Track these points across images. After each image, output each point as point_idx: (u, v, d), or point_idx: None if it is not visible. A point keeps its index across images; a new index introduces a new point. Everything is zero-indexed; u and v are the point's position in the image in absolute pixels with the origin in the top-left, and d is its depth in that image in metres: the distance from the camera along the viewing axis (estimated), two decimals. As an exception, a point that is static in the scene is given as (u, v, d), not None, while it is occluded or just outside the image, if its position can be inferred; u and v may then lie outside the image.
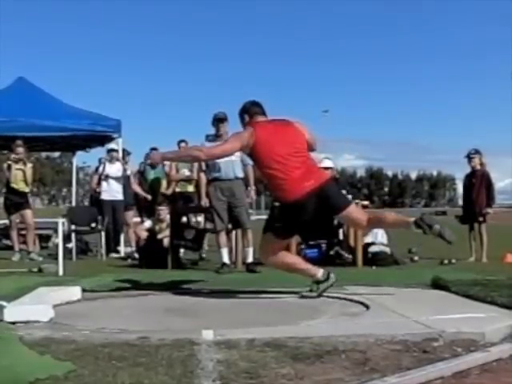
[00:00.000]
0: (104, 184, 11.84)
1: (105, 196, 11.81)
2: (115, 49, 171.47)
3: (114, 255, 11.53)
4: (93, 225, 11.57)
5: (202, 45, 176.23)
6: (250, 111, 5.81)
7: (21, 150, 11.15)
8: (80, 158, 20.03)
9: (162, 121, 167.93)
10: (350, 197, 10.11)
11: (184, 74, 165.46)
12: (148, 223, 10.30)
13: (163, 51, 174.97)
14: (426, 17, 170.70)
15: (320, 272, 5.77)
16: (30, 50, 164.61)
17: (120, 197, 11.86)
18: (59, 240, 8.68)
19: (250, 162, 9.00)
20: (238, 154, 8.70)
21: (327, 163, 10.90)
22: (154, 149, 12.43)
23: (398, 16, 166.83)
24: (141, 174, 12.75)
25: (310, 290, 5.76)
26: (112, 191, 11.82)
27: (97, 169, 12.34)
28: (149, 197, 11.95)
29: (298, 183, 5.46)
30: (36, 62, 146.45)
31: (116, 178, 11.85)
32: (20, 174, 11.13)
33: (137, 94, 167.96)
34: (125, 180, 11.99)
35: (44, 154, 78.27)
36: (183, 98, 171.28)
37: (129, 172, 12.32)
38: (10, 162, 11.15)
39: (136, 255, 10.34)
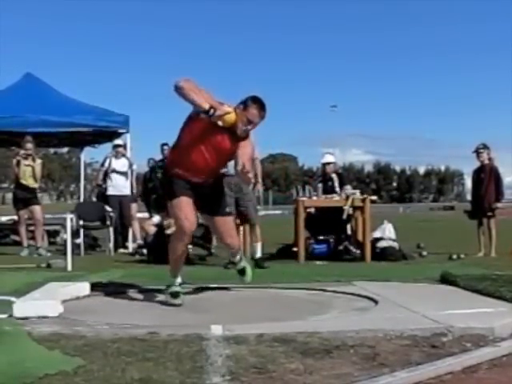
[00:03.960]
0: (110, 179, 11.85)
1: (111, 191, 11.82)
2: (123, 44, 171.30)
3: (122, 251, 11.55)
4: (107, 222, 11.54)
5: (211, 40, 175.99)
6: None
7: (30, 146, 11.17)
8: (88, 154, 20.21)
9: (170, 116, 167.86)
10: (357, 192, 10.15)
11: (191, 69, 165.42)
12: (156, 218, 10.30)
13: (172, 47, 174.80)
14: (431, 12, 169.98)
15: None
16: (38, 46, 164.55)
17: (127, 192, 11.87)
18: (67, 235, 8.69)
19: (257, 156, 9.02)
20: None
21: (328, 158, 10.89)
22: (164, 144, 12.48)
23: (405, 11, 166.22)
24: (151, 170, 12.78)
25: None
26: (118, 186, 11.83)
27: (102, 164, 12.36)
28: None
29: None
30: (44, 57, 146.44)
31: (122, 173, 11.87)
32: (29, 170, 11.15)
33: (145, 90, 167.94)
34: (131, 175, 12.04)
35: (52, 150, 78.30)
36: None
37: (135, 167, 12.34)
38: (19, 158, 11.17)
39: (144, 251, 10.35)
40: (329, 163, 10.74)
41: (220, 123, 5.03)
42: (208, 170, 5.26)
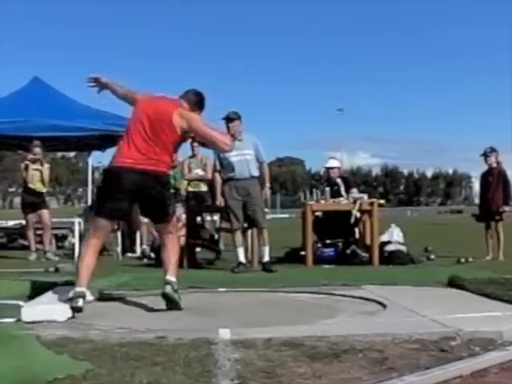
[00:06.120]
0: None
1: None
2: (129, 48, 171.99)
3: (130, 255, 11.56)
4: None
5: (216, 42, 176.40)
6: None
7: (38, 150, 11.20)
8: (95, 158, 19.94)
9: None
10: (364, 196, 10.14)
11: (194, 71, 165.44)
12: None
13: (176, 50, 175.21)
14: (434, 15, 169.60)
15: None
16: (45, 50, 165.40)
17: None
18: (75, 239, 8.71)
19: (265, 159, 9.02)
20: (252, 152, 8.72)
21: (332, 163, 10.88)
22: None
23: (409, 14, 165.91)
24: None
25: None
26: None
27: None
28: None
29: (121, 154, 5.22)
30: (51, 62, 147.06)
31: None
32: (37, 175, 11.18)
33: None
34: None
35: (59, 154, 78.53)
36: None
37: None
38: (27, 162, 11.21)
39: (152, 254, 10.35)
40: (332, 168, 10.72)
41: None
42: None
